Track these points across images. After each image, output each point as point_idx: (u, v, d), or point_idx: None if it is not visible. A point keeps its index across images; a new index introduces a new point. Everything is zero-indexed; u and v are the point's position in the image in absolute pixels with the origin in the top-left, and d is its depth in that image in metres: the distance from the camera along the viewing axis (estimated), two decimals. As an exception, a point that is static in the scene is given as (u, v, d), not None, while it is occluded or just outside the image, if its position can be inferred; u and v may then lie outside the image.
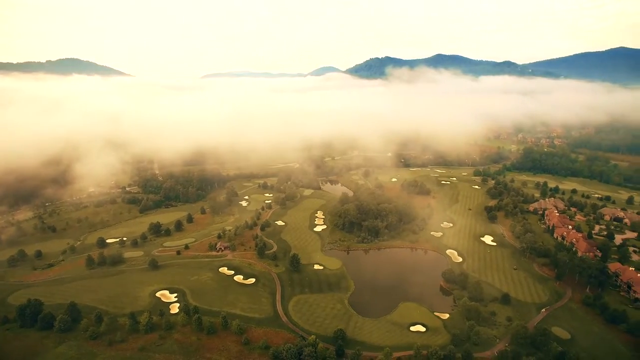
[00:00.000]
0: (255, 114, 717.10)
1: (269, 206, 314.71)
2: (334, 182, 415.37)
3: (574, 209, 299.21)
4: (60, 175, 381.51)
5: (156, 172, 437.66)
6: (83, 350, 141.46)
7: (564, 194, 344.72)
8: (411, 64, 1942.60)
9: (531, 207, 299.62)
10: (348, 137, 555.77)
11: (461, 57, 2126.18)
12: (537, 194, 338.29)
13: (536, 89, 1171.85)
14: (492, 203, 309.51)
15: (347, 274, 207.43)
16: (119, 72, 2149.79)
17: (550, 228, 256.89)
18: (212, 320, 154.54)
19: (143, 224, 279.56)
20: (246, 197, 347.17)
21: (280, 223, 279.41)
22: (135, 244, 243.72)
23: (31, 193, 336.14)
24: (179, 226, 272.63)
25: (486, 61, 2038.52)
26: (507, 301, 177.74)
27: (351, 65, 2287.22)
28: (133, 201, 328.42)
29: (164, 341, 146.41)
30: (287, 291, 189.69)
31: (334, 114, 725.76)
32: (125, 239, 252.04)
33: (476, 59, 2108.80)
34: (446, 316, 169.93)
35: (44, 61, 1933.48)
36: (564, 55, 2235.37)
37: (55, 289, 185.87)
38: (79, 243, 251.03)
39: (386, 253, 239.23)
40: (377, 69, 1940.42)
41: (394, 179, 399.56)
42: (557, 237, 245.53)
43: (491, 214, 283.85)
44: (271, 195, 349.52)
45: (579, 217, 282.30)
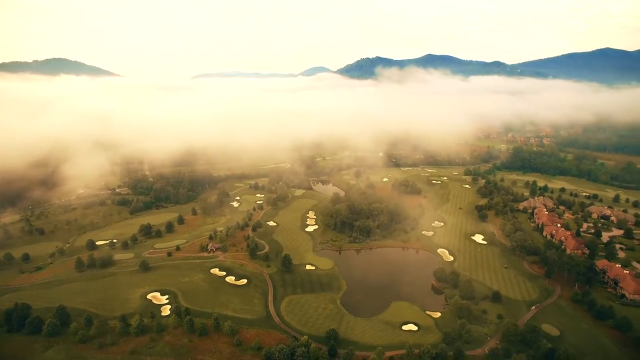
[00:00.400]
0: (246, 115, 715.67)
1: (261, 207, 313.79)
2: (325, 182, 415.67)
3: (562, 207, 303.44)
4: (48, 177, 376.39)
5: (146, 173, 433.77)
6: (72, 354, 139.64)
7: (552, 192, 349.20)
8: (402, 64, 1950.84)
9: (521, 205, 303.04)
10: (339, 137, 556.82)
11: (451, 57, 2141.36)
12: (526, 193, 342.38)
13: (525, 89, 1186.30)
14: (483, 202, 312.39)
15: (339, 274, 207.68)
16: (108, 73, 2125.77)
17: (540, 226, 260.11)
18: (204, 322, 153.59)
19: (133, 225, 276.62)
20: (237, 198, 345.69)
21: (271, 223, 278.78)
22: (125, 246, 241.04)
23: (18, 195, 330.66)
24: (169, 227, 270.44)
25: (476, 61, 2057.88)
26: (497, 299, 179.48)
27: (342, 65, 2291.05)
28: (123, 203, 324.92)
29: (155, 344, 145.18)
30: (279, 292, 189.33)
31: (324, 114, 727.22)
32: (115, 240, 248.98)
33: (466, 59, 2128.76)
34: (438, 315, 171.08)
35: (30, 61, 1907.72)
36: (552, 56, 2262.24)
37: (44, 293, 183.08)
38: (67, 245, 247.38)
39: (378, 253, 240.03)
40: (368, 69, 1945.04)
41: (385, 179, 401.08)
42: (546, 235, 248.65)
43: (482, 213, 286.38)
44: (262, 195, 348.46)
45: (567, 215, 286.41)
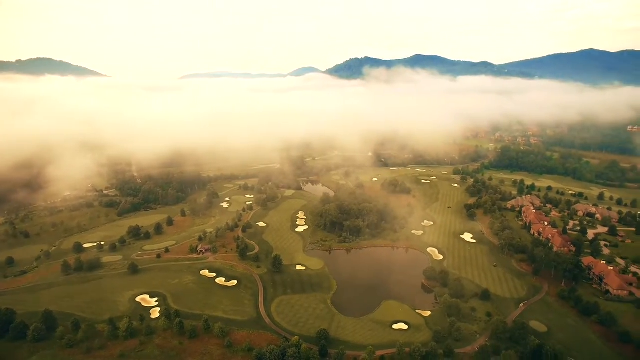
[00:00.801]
0: (235, 115, 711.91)
1: (250, 207, 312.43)
2: (315, 183, 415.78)
3: (549, 205, 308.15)
4: (33, 179, 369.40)
5: (134, 174, 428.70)
6: (59, 359, 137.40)
7: (539, 191, 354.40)
8: (391, 64, 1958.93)
9: (509, 204, 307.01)
10: (328, 137, 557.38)
11: (440, 57, 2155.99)
12: (514, 192, 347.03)
13: (512, 89, 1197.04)
14: (471, 201, 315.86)
15: (330, 274, 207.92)
16: (94, 73, 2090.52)
17: (527, 224, 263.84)
18: (194, 324, 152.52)
19: (122, 227, 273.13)
20: (227, 199, 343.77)
21: (261, 224, 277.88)
22: (113, 248, 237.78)
23: (1, 198, 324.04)
24: (158, 229, 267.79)
25: (464, 61, 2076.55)
26: (486, 297, 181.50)
27: (331, 65, 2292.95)
28: (111, 204, 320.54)
29: (144, 347, 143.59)
30: (270, 292, 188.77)
31: (313, 115, 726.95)
32: (103, 243, 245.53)
33: (454, 59, 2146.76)
34: (428, 313, 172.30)
35: (13, 60, 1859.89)
36: (538, 56, 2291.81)
37: (29, 297, 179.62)
38: (54, 249, 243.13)
39: (368, 252, 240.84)
40: (357, 69, 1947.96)
41: (374, 179, 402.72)
42: (533, 233, 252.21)
43: (470, 212, 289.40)
44: (252, 196, 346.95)
45: (554, 213, 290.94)
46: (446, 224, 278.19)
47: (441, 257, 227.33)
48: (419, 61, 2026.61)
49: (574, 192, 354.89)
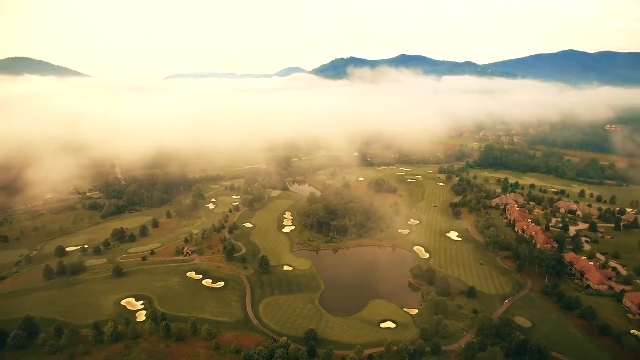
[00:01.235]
0: (220, 116, 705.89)
1: (237, 208, 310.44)
2: (301, 183, 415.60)
3: (532, 203, 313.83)
4: (12, 182, 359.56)
5: (119, 176, 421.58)
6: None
7: (523, 189, 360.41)
8: (377, 64, 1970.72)
9: (494, 202, 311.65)
10: (314, 137, 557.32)
11: (425, 57, 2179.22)
12: (498, 190, 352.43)
13: (496, 89, 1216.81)
14: (457, 200, 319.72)
15: (317, 274, 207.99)
16: (76, 73, 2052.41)
17: (512, 222, 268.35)
18: (181, 327, 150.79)
19: (106, 230, 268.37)
20: (213, 200, 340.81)
21: (248, 225, 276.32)
22: (97, 252, 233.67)
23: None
24: (144, 231, 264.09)
25: (448, 61, 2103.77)
26: (473, 294, 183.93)
27: (317, 65, 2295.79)
28: (94, 207, 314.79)
29: (130, 351, 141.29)
30: (257, 294, 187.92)
31: (299, 115, 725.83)
32: (87, 246, 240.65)
33: (439, 59, 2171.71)
34: (415, 312, 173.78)
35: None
36: (520, 57, 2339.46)
37: (8, 304, 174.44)
38: (35, 253, 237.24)
39: (355, 252, 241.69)
40: (342, 69, 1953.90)
41: (361, 178, 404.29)
42: (518, 230, 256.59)
43: (456, 210, 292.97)
44: (239, 197, 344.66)
45: (537, 211, 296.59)
46: (432, 222, 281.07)
47: (428, 256, 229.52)
48: (404, 61, 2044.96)
49: (556, 190, 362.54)
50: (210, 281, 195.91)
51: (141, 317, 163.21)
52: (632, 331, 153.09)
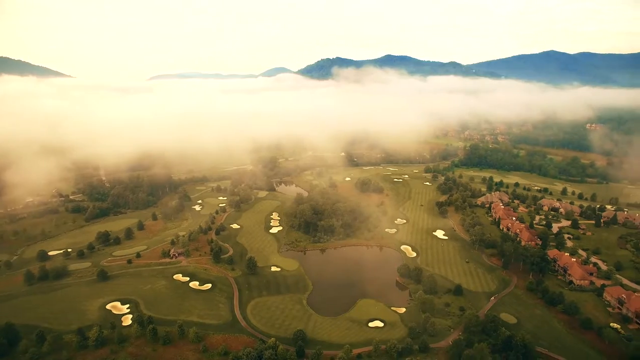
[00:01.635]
0: (206, 116, 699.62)
1: (224, 209, 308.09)
2: (288, 183, 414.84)
3: (517, 201, 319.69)
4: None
5: (102, 178, 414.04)
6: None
7: (508, 187, 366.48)
8: (362, 64, 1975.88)
9: (479, 201, 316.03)
10: (300, 137, 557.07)
11: (410, 57, 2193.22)
12: (483, 189, 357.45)
13: (480, 88, 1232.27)
14: (443, 198, 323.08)
15: (305, 274, 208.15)
16: (57, 73, 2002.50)
17: (497, 220, 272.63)
18: (168, 330, 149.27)
19: (90, 233, 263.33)
20: (199, 201, 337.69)
21: (235, 226, 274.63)
22: (81, 255, 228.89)
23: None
24: (129, 234, 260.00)
25: (433, 61, 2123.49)
26: (459, 292, 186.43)
27: (302, 65, 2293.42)
28: (77, 210, 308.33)
29: (116, 355, 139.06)
30: (245, 295, 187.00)
31: (285, 115, 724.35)
32: (70, 250, 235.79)
33: (424, 59, 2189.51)
34: (403, 310, 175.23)
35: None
36: (503, 57, 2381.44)
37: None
38: (15, 258, 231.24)
39: (342, 251, 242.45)
40: (328, 69, 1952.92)
41: (347, 178, 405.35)
42: (503, 228, 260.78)
43: (442, 209, 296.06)
44: (225, 198, 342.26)
45: (521, 208, 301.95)
46: (419, 221, 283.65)
47: (414, 255, 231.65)
48: (389, 61, 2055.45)
49: (539, 188, 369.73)
50: (197, 283, 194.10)
51: (127, 321, 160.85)
52: (611, 324, 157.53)
